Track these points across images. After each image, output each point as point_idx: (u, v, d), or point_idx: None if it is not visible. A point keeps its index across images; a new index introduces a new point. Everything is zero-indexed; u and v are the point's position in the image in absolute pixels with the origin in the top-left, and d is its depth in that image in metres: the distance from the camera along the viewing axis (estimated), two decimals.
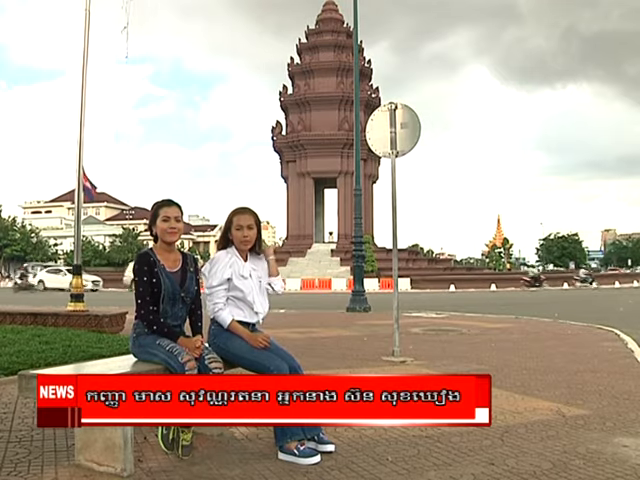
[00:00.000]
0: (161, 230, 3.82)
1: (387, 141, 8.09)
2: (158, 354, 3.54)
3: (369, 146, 8.27)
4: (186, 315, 3.91)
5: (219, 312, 3.95)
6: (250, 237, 4.06)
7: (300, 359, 4.02)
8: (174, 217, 3.84)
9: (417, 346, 9.06)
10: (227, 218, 4.12)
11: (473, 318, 15.02)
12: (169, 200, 3.93)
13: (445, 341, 9.96)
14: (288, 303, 23.52)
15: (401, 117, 8.13)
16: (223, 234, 4.15)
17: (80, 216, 11.92)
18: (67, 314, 10.45)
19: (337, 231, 63.22)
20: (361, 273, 18.94)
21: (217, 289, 3.97)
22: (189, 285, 3.86)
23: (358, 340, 10.15)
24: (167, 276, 3.77)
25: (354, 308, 18.01)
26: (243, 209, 4.15)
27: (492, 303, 23.47)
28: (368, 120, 8.37)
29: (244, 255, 4.13)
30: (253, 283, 4.06)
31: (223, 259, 4.03)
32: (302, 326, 12.26)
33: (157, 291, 3.71)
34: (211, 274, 4.01)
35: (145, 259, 3.76)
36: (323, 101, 59.11)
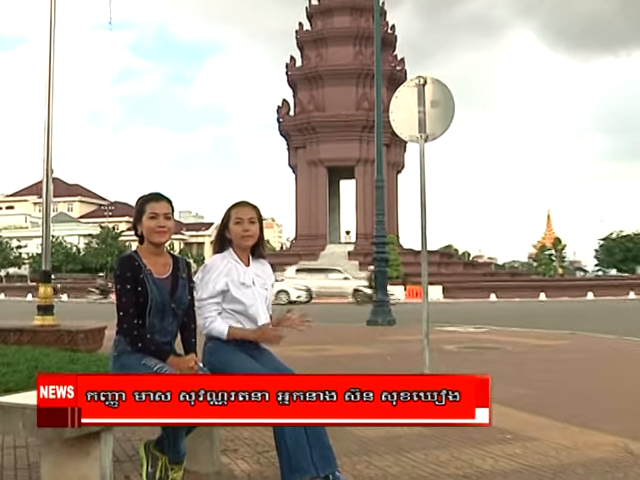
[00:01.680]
0: (148, 229, 3.82)
1: (414, 123, 8.08)
2: (148, 366, 3.55)
3: (393, 129, 8.27)
4: (177, 330, 3.91)
5: (211, 325, 3.93)
6: (252, 232, 4.07)
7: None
8: (163, 214, 3.83)
9: (451, 367, 9.04)
10: (224, 213, 4.13)
11: (519, 333, 14.97)
12: (157, 194, 3.93)
13: (486, 361, 9.93)
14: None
15: (431, 94, 8.12)
16: (219, 233, 4.15)
17: (49, 213, 11.97)
18: (33, 330, 10.50)
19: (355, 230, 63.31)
20: (384, 279, 18.92)
21: (207, 303, 3.96)
22: (181, 294, 3.86)
23: (380, 359, 10.13)
24: (155, 283, 3.77)
25: (376, 321, 18.01)
26: (243, 202, 4.17)
27: (542, 315, 23.39)
28: (392, 98, 8.37)
29: (245, 258, 4.12)
30: (257, 292, 4.05)
31: (217, 266, 4.02)
32: (313, 342, 12.27)
33: (143, 301, 3.72)
34: (201, 284, 4.02)
35: (128, 263, 3.76)
36: (338, 75, 59.19)
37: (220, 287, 3.97)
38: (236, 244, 4.10)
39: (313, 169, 61.02)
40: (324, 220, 61.30)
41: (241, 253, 4.11)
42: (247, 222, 4.06)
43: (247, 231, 4.06)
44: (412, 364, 9.06)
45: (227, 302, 4.01)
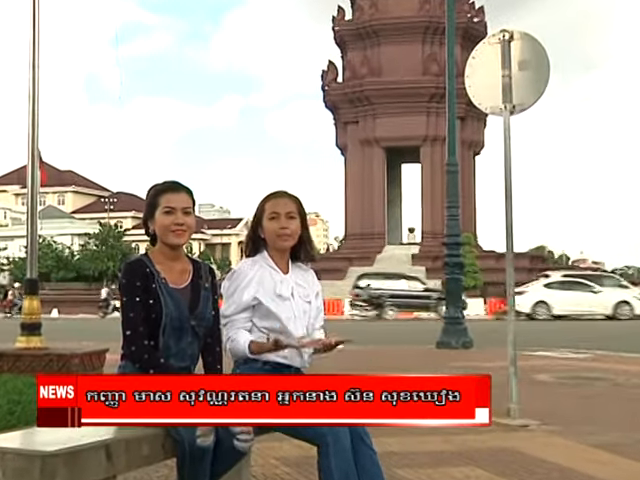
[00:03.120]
0: (162, 227, 3.85)
1: (498, 90, 8.05)
2: None
3: (470, 98, 8.25)
4: (198, 353, 3.94)
5: (234, 343, 3.97)
6: (291, 230, 4.08)
7: None
8: (181, 208, 3.85)
9: (545, 403, 8.96)
10: (257, 207, 4.16)
11: (634, 360, 14.78)
12: (174, 183, 3.95)
13: (589, 396, 9.83)
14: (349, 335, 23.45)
15: (519, 52, 8.08)
16: (251, 232, 4.19)
17: (35, 206, 12.09)
18: (16, 354, 10.60)
19: (420, 227, 63.18)
20: (458, 290, 18.83)
21: (233, 319, 4.01)
22: (203, 308, 3.88)
23: None
24: (170, 295, 3.80)
25: (448, 343, 17.93)
26: (279, 193, 4.19)
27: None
28: (468, 59, 8.35)
29: (283, 263, 4.15)
30: (296, 306, 4.07)
31: (246, 273, 4.04)
32: (370, 369, 12.20)
33: (155, 317, 3.75)
34: (227, 296, 4.06)
35: (137, 270, 3.79)
36: (399, 30, 59.10)
37: (249, 298, 4.00)
38: (271, 245, 4.12)
39: (367, 150, 61.02)
40: (381, 215, 61.24)
41: (277, 256, 4.14)
42: (285, 217, 4.08)
43: (285, 229, 4.07)
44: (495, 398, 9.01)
45: (259, 318, 4.04)
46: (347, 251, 60.26)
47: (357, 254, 58.11)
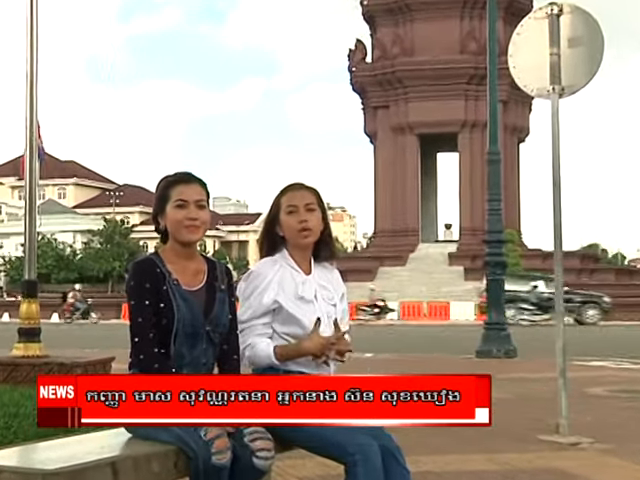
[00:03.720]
0: (174, 223, 3.85)
1: (545, 70, 8.00)
2: (168, 427, 3.58)
3: (513, 79, 8.21)
4: (214, 362, 3.94)
5: (253, 351, 3.97)
6: (312, 223, 4.07)
7: (400, 434, 4.00)
8: (195, 201, 3.85)
9: (598, 418, 8.93)
10: (272, 202, 4.17)
11: None
12: (186, 174, 3.96)
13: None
14: (378, 342, 23.40)
15: (569, 28, 8.02)
16: (266, 228, 4.19)
17: (34, 200, 12.16)
18: (12, 362, 10.66)
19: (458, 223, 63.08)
20: (500, 293, 18.75)
21: (251, 324, 4.01)
22: (219, 312, 3.88)
23: (498, 405, 10.05)
24: (183, 298, 3.80)
25: (489, 351, 17.87)
26: (296, 185, 4.21)
27: None
28: (512, 35, 8.31)
29: (305, 262, 4.15)
30: (320, 310, 4.06)
31: (265, 274, 4.05)
32: None
33: (166, 323, 3.76)
34: (244, 299, 4.06)
35: (146, 270, 3.80)
36: (435, 4, 59.04)
37: (269, 302, 4.00)
38: (291, 243, 4.12)
39: (399, 138, 61.02)
40: (415, 210, 61.25)
41: (299, 255, 4.14)
42: (304, 210, 4.07)
43: (304, 222, 4.06)
44: (542, 412, 8.98)
45: (280, 323, 4.04)
46: (377, 250, 60.35)
47: (388, 253, 58.17)
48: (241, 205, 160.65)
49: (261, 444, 3.62)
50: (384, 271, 55.94)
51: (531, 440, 7.61)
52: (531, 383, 12.30)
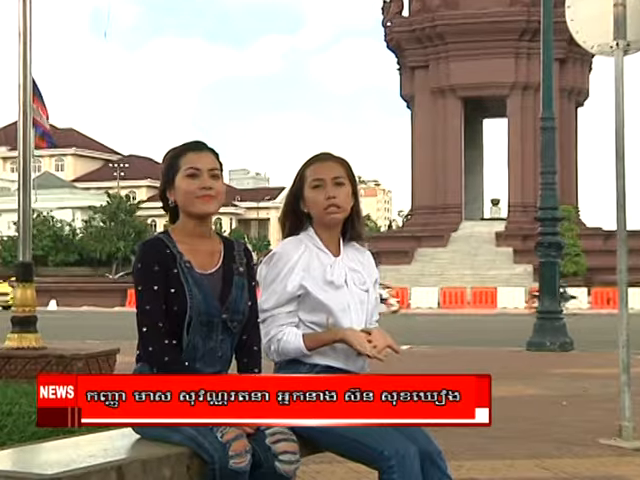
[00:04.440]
0: (185, 194, 3.84)
1: (608, 23, 7.94)
2: (180, 428, 3.56)
3: (571, 34, 8.16)
4: (231, 354, 3.96)
5: (281, 343, 3.98)
6: (341, 199, 4.06)
7: (442, 437, 4.00)
8: (208, 170, 3.85)
9: None
10: (296, 175, 4.17)
11: None
12: (197, 142, 3.97)
13: None
14: (416, 332, 23.37)
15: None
16: (290, 204, 4.19)
17: (28, 173, 12.19)
18: (6, 355, 10.72)
19: (507, 199, 62.85)
20: (554, 277, 18.69)
21: (274, 313, 4.02)
22: (236, 299, 3.88)
23: (551, 404, 10.11)
24: (197, 282, 3.81)
25: (541, 344, 17.83)
26: (322, 155, 4.20)
27: None
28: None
29: (334, 242, 4.15)
30: (352, 296, 4.07)
31: (289, 256, 4.04)
32: None
33: (178, 311, 3.77)
34: (265, 286, 4.06)
35: (156, 252, 3.80)
36: None
37: (295, 288, 4.00)
38: (317, 221, 4.12)
39: (440, 102, 60.80)
40: (457, 183, 61.08)
41: (326, 235, 4.13)
42: (331, 185, 4.06)
43: (332, 198, 4.04)
44: (602, 413, 8.95)
45: (306, 311, 4.04)
46: (414, 229, 60.25)
47: (427, 232, 58.10)
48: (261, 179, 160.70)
49: (285, 446, 3.61)
50: (422, 253, 55.92)
51: (589, 444, 7.57)
52: (589, 380, 12.25)
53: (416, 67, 61.18)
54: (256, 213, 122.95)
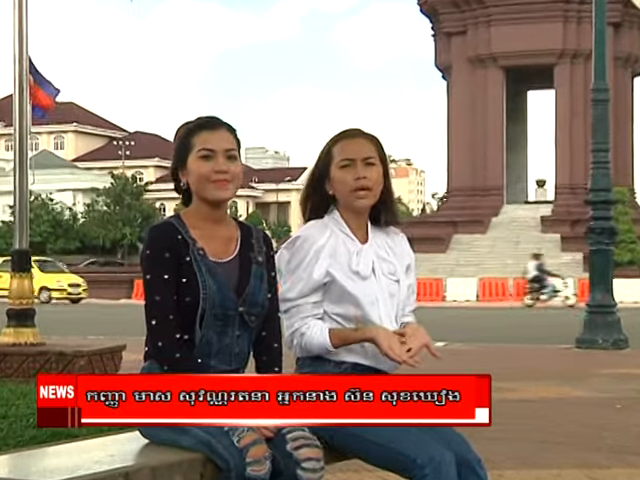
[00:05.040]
0: (198, 177, 3.85)
1: None
2: (191, 431, 3.61)
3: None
4: (249, 351, 3.97)
5: (304, 337, 3.97)
6: (372, 181, 4.05)
7: (481, 444, 4.02)
8: (223, 151, 3.85)
9: None
10: (321, 152, 4.16)
11: None
12: (212, 118, 3.98)
13: None
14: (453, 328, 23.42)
15: None
16: (313, 184, 4.19)
17: (25, 152, 12.22)
18: (1, 351, 10.75)
19: (554, 179, 62.65)
20: (607, 267, 18.63)
21: (299, 305, 4.02)
22: (255, 290, 3.90)
23: (602, 407, 10.10)
24: (211, 272, 3.82)
25: (592, 341, 17.79)
26: (352, 131, 4.19)
27: None
28: None
29: (362, 228, 4.15)
30: (380, 287, 4.08)
31: (314, 240, 4.04)
32: None
33: (190, 302, 3.78)
34: (288, 273, 4.06)
35: (166, 238, 3.81)
36: None
37: (321, 276, 4.00)
38: (344, 204, 4.11)
39: (480, 72, 60.64)
40: (499, 162, 60.91)
41: (354, 219, 4.13)
42: (362, 165, 4.05)
43: (362, 179, 4.03)
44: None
45: (332, 302, 4.05)
46: (451, 213, 60.15)
47: (465, 217, 57.99)
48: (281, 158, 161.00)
49: (308, 452, 3.61)
50: (459, 240, 55.85)
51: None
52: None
53: (453, 33, 60.99)
54: (275, 196, 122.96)
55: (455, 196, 62.02)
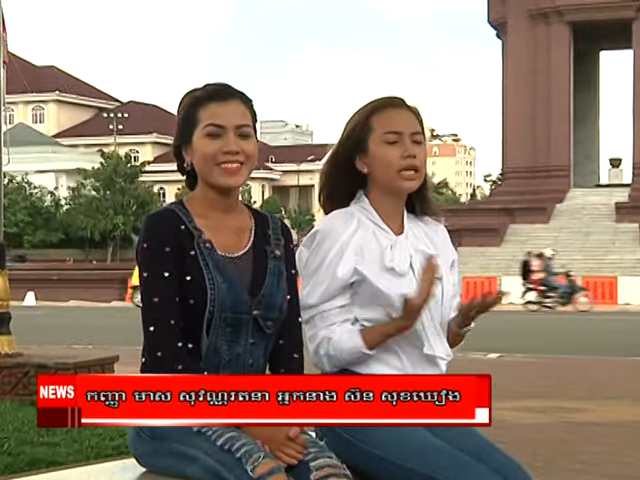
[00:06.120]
0: (205, 158, 3.85)
1: None
2: (198, 457, 3.67)
3: None
4: (265, 362, 4.00)
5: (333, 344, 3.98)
6: (421, 161, 4.04)
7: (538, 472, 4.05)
8: (235, 127, 3.86)
9: None
10: (356, 120, 4.13)
11: None
12: (222, 86, 3.99)
13: None
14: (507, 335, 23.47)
15: None
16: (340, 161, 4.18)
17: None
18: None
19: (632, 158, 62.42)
20: None
21: (324, 311, 4.03)
22: (272, 290, 3.92)
23: None
24: (219, 269, 3.84)
25: None
26: (396, 100, 4.17)
27: None
28: None
29: (397, 217, 4.15)
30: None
31: (338, 233, 4.03)
32: (547, 395, 12.37)
33: (195, 304, 3.81)
34: (309, 273, 4.07)
35: (167, 228, 3.82)
36: None
37: (347, 275, 4.00)
38: (383, 186, 4.10)
39: (541, 29, 60.51)
40: (564, 138, 60.78)
41: (389, 206, 4.13)
42: (409, 141, 4.03)
43: (411, 157, 4.01)
44: None
45: (361, 304, 4.05)
46: (506, 199, 60.00)
47: (523, 203, 57.85)
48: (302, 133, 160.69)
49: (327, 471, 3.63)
50: (517, 230, 55.76)
51: None
52: None
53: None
54: (296, 178, 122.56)
55: (511, 178, 61.91)
